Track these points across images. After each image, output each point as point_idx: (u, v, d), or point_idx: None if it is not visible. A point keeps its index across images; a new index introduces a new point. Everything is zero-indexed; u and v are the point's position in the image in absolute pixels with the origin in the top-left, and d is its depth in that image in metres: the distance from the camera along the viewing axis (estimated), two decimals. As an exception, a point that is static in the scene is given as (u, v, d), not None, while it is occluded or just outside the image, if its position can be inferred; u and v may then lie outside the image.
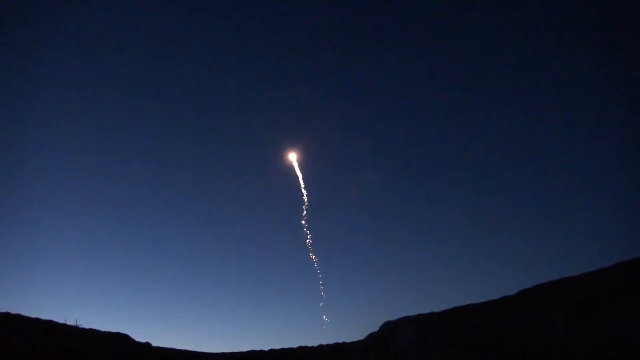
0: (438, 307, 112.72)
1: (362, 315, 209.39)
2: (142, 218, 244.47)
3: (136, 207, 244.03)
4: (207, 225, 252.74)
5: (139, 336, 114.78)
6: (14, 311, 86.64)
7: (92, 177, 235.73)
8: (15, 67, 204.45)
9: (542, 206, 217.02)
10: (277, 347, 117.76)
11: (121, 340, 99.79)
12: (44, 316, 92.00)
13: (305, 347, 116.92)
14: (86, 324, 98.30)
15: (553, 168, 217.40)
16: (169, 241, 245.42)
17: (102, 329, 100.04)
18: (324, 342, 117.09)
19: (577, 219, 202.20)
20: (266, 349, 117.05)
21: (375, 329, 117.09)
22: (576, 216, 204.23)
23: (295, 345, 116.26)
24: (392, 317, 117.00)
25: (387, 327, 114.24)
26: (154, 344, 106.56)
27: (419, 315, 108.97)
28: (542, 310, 79.95)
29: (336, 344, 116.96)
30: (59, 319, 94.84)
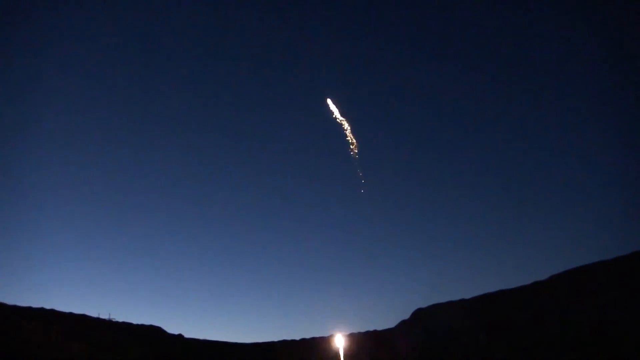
0: (469, 293, 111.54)
1: (393, 303, 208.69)
2: (172, 210, 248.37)
3: (166, 200, 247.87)
4: (236, 217, 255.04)
5: (172, 328, 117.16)
6: (48, 306, 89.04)
7: (119, 171, 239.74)
8: (17, 68, 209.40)
9: (573, 191, 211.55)
10: (308, 336, 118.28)
11: (154, 332, 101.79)
12: (77, 311, 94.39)
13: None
14: (119, 318, 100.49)
15: (582, 156, 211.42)
16: (198, 233, 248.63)
17: (135, 322, 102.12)
18: (356, 331, 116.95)
19: (608, 204, 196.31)
20: (297, 338, 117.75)
21: (407, 316, 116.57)
22: (607, 200, 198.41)
23: (326, 335, 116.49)
24: (423, 304, 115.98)
25: (418, 314, 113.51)
26: (187, 335, 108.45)
27: (450, 302, 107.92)
28: (573, 295, 78.10)
29: (367, 332, 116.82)
30: (92, 313, 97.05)
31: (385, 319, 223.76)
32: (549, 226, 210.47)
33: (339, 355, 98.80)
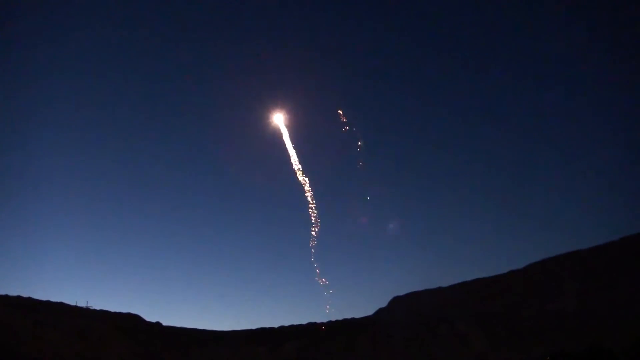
0: (446, 282, 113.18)
1: (370, 292, 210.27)
2: (151, 200, 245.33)
3: (145, 190, 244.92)
4: (215, 206, 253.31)
5: (150, 316, 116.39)
6: (25, 294, 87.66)
7: (101, 164, 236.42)
8: (17, 67, 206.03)
9: (549, 180, 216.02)
10: (286, 323, 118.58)
11: (132, 320, 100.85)
12: (55, 299, 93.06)
13: (315, 324, 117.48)
14: (97, 306, 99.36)
15: (560, 145, 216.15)
16: (177, 222, 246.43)
17: (113, 310, 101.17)
18: (334, 319, 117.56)
19: (585, 194, 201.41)
20: (276, 326, 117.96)
21: (384, 304, 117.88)
22: (583, 190, 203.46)
23: (304, 322, 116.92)
24: (400, 292, 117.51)
25: (396, 302, 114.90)
26: (164, 323, 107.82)
27: (427, 290, 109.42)
28: (549, 283, 79.95)
29: (345, 320, 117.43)
30: (70, 301, 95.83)
31: (363, 306, 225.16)
32: (525, 215, 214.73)
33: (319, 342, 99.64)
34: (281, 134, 74.63)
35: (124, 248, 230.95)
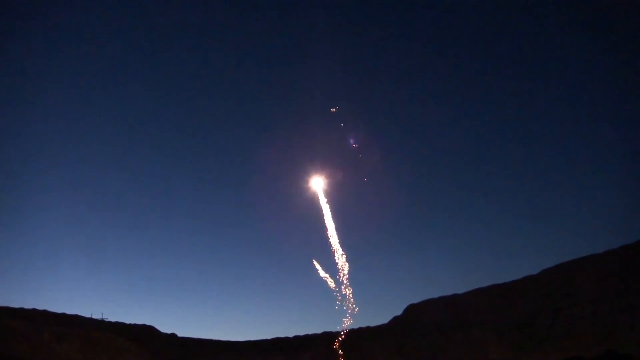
0: (461, 288, 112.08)
1: (386, 299, 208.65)
2: (165, 211, 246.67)
3: (159, 201, 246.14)
4: (227, 215, 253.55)
5: (165, 327, 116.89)
6: (40, 307, 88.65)
7: (113, 173, 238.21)
8: (17, 68, 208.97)
9: (562, 185, 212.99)
10: (301, 333, 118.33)
11: (147, 331, 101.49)
12: (70, 311, 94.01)
13: (331, 333, 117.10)
14: (112, 318, 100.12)
15: (572, 149, 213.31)
16: (191, 232, 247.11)
17: (128, 322, 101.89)
18: (350, 327, 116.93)
19: (599, 197, 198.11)
20: (291, 335, 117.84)
21: (400, 312, 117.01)
22: (598, 195, 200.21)
23: (320, 332, 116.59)
24: (416, 300, 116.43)
25: (411, 310, 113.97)
26: (180, 334, 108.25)
27: (442, 297, 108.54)
28: (564, 288, 78.81)
29: (360, 328, 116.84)
30: (85, 313, 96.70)
31: (378, 315, 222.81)
32: (540, 221, 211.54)
33: (335, 352, 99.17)
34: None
35: (139, 259, 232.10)
